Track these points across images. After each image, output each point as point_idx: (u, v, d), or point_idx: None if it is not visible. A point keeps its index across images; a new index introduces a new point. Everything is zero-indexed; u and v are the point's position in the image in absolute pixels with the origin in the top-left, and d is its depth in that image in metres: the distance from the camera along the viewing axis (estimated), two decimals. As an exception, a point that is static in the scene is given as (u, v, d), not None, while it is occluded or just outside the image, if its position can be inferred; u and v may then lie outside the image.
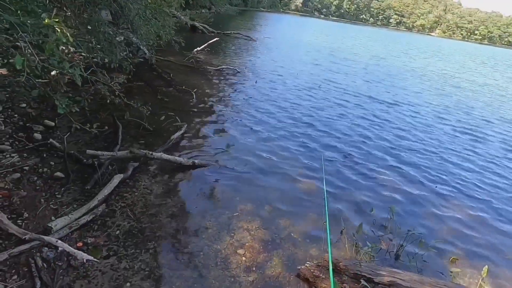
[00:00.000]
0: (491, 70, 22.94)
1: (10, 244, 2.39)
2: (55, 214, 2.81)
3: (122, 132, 4.41)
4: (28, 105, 4.58)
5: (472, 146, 6.54)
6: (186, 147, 4.53)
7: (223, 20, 25.83)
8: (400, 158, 5.34)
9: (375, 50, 22.27)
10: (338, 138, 5.75)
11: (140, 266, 2.49)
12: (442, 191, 4.51)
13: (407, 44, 35.97)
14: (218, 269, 2.61)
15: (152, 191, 3.43)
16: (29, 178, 3.17)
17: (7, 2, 2.47)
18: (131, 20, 5.60)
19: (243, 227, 3.13)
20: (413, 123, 7.41)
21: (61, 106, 3.04)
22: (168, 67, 8.40)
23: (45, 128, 4.14)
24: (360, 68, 13.66)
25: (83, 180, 3.34)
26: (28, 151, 3.58)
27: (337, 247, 3.08)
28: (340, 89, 9.37)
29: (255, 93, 7.63)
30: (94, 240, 2.65)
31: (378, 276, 2.46)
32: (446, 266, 3.11)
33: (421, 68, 17.00)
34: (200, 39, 12.39)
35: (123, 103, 4.78)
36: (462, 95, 11.73)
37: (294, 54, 14.91)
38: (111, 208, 3.04)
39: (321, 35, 29.65)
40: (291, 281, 2.63)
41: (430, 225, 3.73)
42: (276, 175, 4.18)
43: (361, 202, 3.92)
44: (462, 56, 31.95)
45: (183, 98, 6.46)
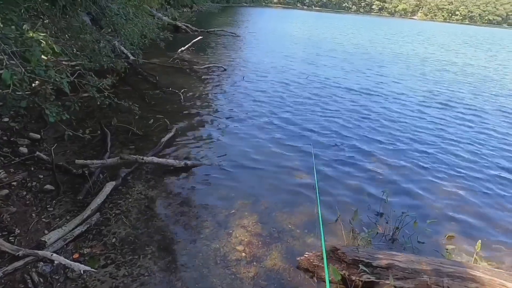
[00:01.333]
0: (472, 50, 23.31)
1: (4, 262, 2.34)
2: (48, 227, 2.76)
3: (111, 139, 4.34)
4: (11, 119, 4.46)
5: (460, 125, 6.67)
6: (177, 149, 4.50)
7: (206, 18, 25.56)
8: (389, 143, 5.41)
9: (357, 39, 22.36)
10: (327, 129, 5.78)
11: (139, 272, 2.48)
12: (434, 171, 4.60)
13: (389, 30, 36.22)
14: (218, 267, 2.62)
15: (146, 195, 3.40)
16: (18, 193, 3.10)
17: None
18: (113, 21, 5.48)
19: (240, 223, 3.14)
20: (399, 108, 7.50)
21: (51, 115, 2.99)
22: (153, 69, 8.27)
23: (30, 141, 4.05)
24: (343, 58, 13.71)
25: (74, 190, 3.29)
26: (14, 166, 3.50)
27: (334, 235, 3.12)
28: (326, 81, 9.39)
29: (243, 90, 7.60)
30: (91, 250, 2.62)
31: (376, 259, 2.50)
32: (442, 244, 3.18)
33: (404, 53, 17.16)
34: (184, 39, 12.24)
35: (110, 110, 4.70)
36: (445, 76, 11.91)
37: (278, 48, 14.87)
38: (105, 216, 3.00)
39: (304, 26, 29.64)
40: (292, 272, 2.65)
41: (423, 205, 3.80)
42: (269, 170, 4.19)
43: (355, 189, 3.97)
44: (443, 38, 32.35)
45: (170, 100, 6.39)
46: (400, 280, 2.40)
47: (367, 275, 2.44)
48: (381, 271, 2.45)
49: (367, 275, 2.44)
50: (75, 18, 4.63)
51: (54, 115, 2.92)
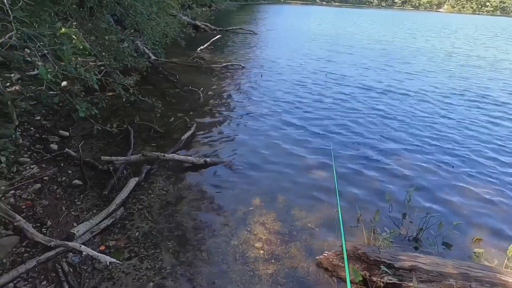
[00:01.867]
0: (503, 43, 21.93)
1: (37, 252, 2.50)
2: (76, 220, 2.91)
3: (134, 137, 4.49)
4: (42, 117, 4.72)
5: (489, 124, 6.32)
6: (197, 147, 4.58)
7: (224, 17, 25.72)
8: (412, 142, 5.22)
9: (378, 34, 21.64)
10: (346, 127, 5.65)
11: (161, 265, 2.56)
12: (460, 172, 4.39)
13: (412, 24, 34.79)
14: (237, 263, 2.65)
15: (167, 191, 3.49)
16: (50, 187, 3.28)
17: (21, 16, 2.56)
18: (136, 21, 5.65)
19: (259, 221, 3.16)
20: (423, 107, 7.21)
21: (81, 110, 3.18)
22: (173, 68, 8.46)
23: (60, 139, 4.27)
24: (363, 55, 13.32)
25: (100, 185, 3.44)
26: (46, 161, 3.71)
27: (354, 235, 3.06)
28: (345, 78, 9.18)
29: (261, 88, 7.60)
30: (115, 242, 2.73)
31: (399, 261, 2.43)
32: (469, 248, 3.04)
33: (427, 49, 16.40)
34: (203, 38, 12.40)
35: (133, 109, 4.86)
36: (473, 72, 11.31)
37: (296, 45, 14.71)
38: (129, 211, 3.12)
39: (323, 23, 29.09)
40: (310, 271, 2.63)
41: (449, 207, 3.64)
42: (288, 167, 4.17)
43: (376, 188, 3.87)
44: (471, 31, 30.66)
45: (190, 98, 6.51)
46: (424, 283, 2.32)
47: (389, 277, 2.38)
48: (404, 273, 2.38)
49: (389, 276, 2.38)
50: (102, 19, 4.82)
51: (84, 110, 3.09)
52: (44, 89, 2.58)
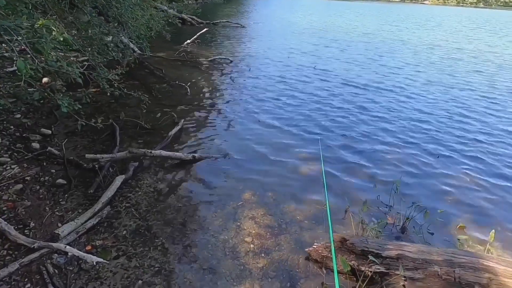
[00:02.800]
0: (486, 35, 22.44)
1: (20, 254, 2.42)
2: (61, 220, 2.83)
3: (120, 133, 4.39)
4: (23, 115, 4.55)
5: (473, 114, 6.48)
6: (185, 142, 4.52)
7: (211, 9, 25.30)
8: (398, 133, 5.30)
9: (365, 27, 21.77)
10: (335, 120, 5.69)
11: (150, 263, 2.52)
12: (444, 161, 4.50)
13: (397, 16, 35.16)
14: (227, 258, 2.64)
15: (155, 188, 3.44)
16: (32, 187, 3.18)
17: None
18: (119, 12, 5.46)
19: (249, 215, 3.15)
20: (408, 100, 7.32)
21: (63, 105, 3.06)
22: (159, 63, 8.28)
23: (42, 137, 4.13)
24: (351, 48, 13.39)
25: (85, 184, 3.35)
26: (27, 161, 3.58)
27: (343, 226, 3.10)
28: (332, 72, 9.21)
29: (249, 81, 7.54)
30: (102, 242, 2.68)
31: (386, 250, 2.48)
32: (454, 234, 3.13)
33: (412, 41, 16.62)
34: (190, 31, 12.17)
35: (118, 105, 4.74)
36: (454, 65, 11.55)
37: (284, 38, 14.64)
38: (116, 209, 3.06)
39: (311, 15, 29.01)
40: (300, 263, 2.65)
41: (434, 195, 3.73)
42: (277, 162, 4.18)
43: (364, 180, 3.92)
44: (455, 23, 31.24)
45: (177, 93, 6.40)
46: (411, 270, 2.37)
47: (377, 266, 2.42)
48: (391, 261, 2.43)
49: (376, 265, 2.43)
50: (83, 11, 4.64)
51: (66, 106, 2.99)
52: (22, 84, 2.46)
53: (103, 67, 4.26)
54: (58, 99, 3.03)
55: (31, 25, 2.47)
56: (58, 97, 3.05)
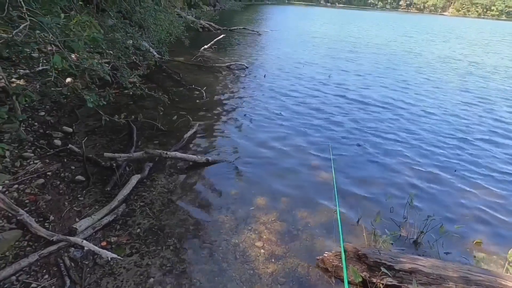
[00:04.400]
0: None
1: (40, 246, 2.52)
2: (78, 215, 2.93)
3: (137, 134, 4.51)
4: (46, 113, 4.76)
5: (489, 129, 6.30)
6: (199, 145, 4.60)
7: (228, 16, 25.76)
8: (414, 145, 5.21)
9: (381, 38, 21.61)
10: (349, 129, 5.65)
11: (162, 262, 2.57)
12: (461, 174, 4.39)
13: (415, 27, 34.70)
14: (237, 262, 2.66)
15: (169, 189, 3.51)
16: (53, 182, 3.31)
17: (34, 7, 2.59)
18: (142, 18, 5.69)
19: (260, 220, 3.17)
20: (426, 111, 7.20)
21: (89, 101, 3.21)
22: (177, 67, 8.48)
23: (64, 134, 4.30)
24: (367, 60, 13.32)
25: (102, 182, 3.46)
26: (49, 157, 3.73)
27: (355, 236, 3.07)
28: (348, 82, 9.18)
29: (264, 87, 7.61)
30: (117, 239, 2.75)
31: (399, 263, 2.44)
32: (470, 251, 3.04)
33: (431, 54, 16.35)
34: (207, 37, 12.42)
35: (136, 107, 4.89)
36: (474, 79, 11.27)
37: (299, 46, 14.71)
38: (131, 207, 3.14)
39: (326, 24, 29.07)
40: (310, 271, 2.64)
41: (450, 210, 3.64)
42: (290, 168, 4.18)
43: (378, 190, 3.87)
44: (475, 35, 30.53)
45: (193, 97, 6.53)
46: (424, 285, 2.32)
47: (389, 278, 2.38)
48: (404, 275, 2.39)
49: (388, 278, 2.39)
50: (109, 15, 4.85)
51: (92, 101, 3.12)
52: (52, 80, 2.61)
53: (126, 67, 4.43)
54: (85, 95, 3.17)
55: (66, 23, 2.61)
56: (85, 93, 3.20)
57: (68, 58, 2.71)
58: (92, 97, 3.16)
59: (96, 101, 3.22)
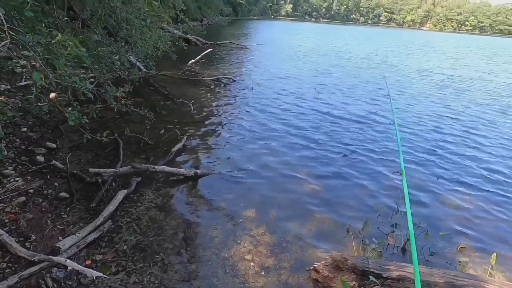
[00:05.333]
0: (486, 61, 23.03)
1: (20, 267, 2.41)
2: (62, 234, 2.84)
3: (123, 148, 4.46)
4: (29, 129, 4.64)
5: (473, 139, 6.56)
6: (187, 158, 4.58)
7: (215, 31, 26.20)
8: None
9: (363, 50, 22.45)
10: (336, 139, 5.77)
11: (149, 279, 2.51)
12: (446, 182, 4.52)
13: (394, 41, 36.25)
14: (227, 276, 2.62)
15: (156, 204, 3.45)
16: (34, 200, 3.20)
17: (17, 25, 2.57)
18: (129, 33, 5.70)
19: (249, 233, 3.15)
20: (409, 119, 7.45)
21: (71, 118, 3.14)
22: (164, 81, 8.51)
23: (47, 150, 4.19)
24: (350, 71, 13.77)
25: (87, 198, 3.38)
26: (31, 174, 3.62)
27: (343, 246, 3.09)
28: (335, 92, 9.42)
29: (252, 101, 7.71)
30: (102, 256, 2.67)
31: (387, 271, 2.47)
32: (455, 257, 3.10)
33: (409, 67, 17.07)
34: (194, 51, 12.56)
35: (122, 121, 4.85)
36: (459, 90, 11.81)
37: (286, 59, 15.07)
38: (117, 224, 3.06)
39: (311, 39, 29.96)
40: (301, 283, 2.63)
41: (436, 217, 3.73)
42: (279, 179, 4.21)
43: (365, 199, 3.93)
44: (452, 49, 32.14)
45: (181, 110, 6.54)
46: (412, 292, 2.35)
47: (377, 287, 2.40)
48: (392, 282, 2.41)
49: (377, 286, 2.41)
50: (94, 31, 4.86)
51: (73, 119, 3.07)
52: (33, 98, 2.57)
53: (111, 84, 4.41)
54: (67, 112, 3.12)
55: (48, 42, 2.61)
56: (67, 111, 3.15)
57: (49, 75, 2.68)
58: (73, 115, 3.11)
59: (78, 119, 3.16)
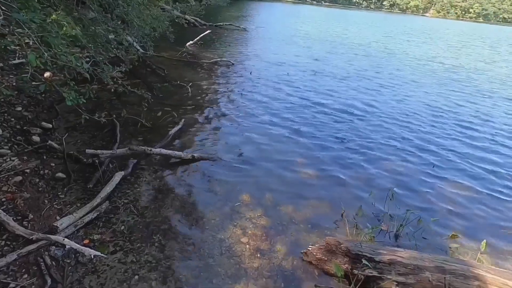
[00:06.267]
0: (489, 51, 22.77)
1: (18, 245, 2.44)
2: (59, 213, 2.85)
3: (120, 130, 4.42)
4: (24, 108, 4.57)
5: (467, 126, 6.59)
6: (185, 141, 4.56)
7: (215, 12, 25.44)
8: (395, 142, 5.39)
9: (362, 37, 22.06)
10: (334, 124, 5.77)
11: (146, 259, 2.55)
12: (440, 171, 4.58)
13: (397, 28, 35.60)
14: (223, 257, 2.68)
15: (153, 186, 3.47)
16: (31, 180, 3.20)
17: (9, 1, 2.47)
18: (125, 11, 5.51)
19: (245, 216, 3.19)
20: (407, 108, 7.44)
21: (69, 98, 3.08)
22: (161, 62, 8.33)
23: (42, 131, 4.15)
24: (350, 56, 13.56)
25: (84, 179, 3.38)
26: (27, 154, 3.60)
27: (338, 230, 3.15)
28: (334, 77, 9.33)
29: (250, 84, 7.61)
30: (100, 236, 2.70)
31: (379, 255, 2.53)
32: (446, 243, 3.19)
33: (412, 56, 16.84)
34: (192, 33, 12.25)
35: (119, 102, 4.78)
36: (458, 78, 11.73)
37: (286, 43, 14.78)
38: (114, 205, 3.09)
39: (312, 22, 29.28)
40: (295, 264, 2.70)
41: (428, 204, 3.80)
42: (276, 164, 4.23)
43: (361, 185, 3.98)
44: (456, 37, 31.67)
45: (178, 93, 6.45)
46: (402, 275, 2.43)
47: (369, 270, 2.47)
48: (384, 266, 2.49)
49: (369, 269, 2.48)
50: (90, 8, 4.69)
51: (71, 99, 3.02)
52: (28, 77, 2.50)
53: (108, 64, 4.31)
54: (64, 92, 3.06)
55: (43, 19, 2.52)
56: (64, 90, 3.09)
57: (45, 54, 2.60)
58: (71, 95, 3.05)
59: (75, 99, 3.11)
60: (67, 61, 2.77)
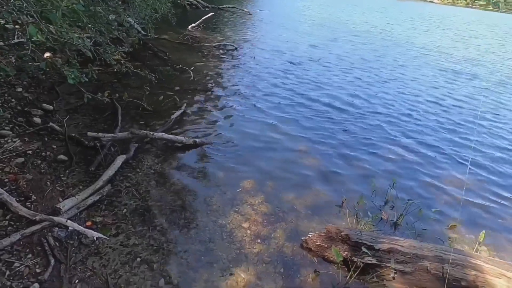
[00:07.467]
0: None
1: (22, 226, 2.46)
2: (62, 195, 2.87)
3: (122, 114, 4.39)
4: (24, 89, 4.52)
5: (469, 118, 6.52)
6: (187, 126, 4.53)
7: (218, -6, 24.74)
8: (398, 133, 5.34)
9: (369, 23, 21.53)
10: (336, 113, 5.70)
11: (148, 242, 2.58)
12: (442, 160, 4.57)
13: (401, 14, 34.68)
14: (224, 242, 2.71)
15: (155, 170, 3.47)
16: (33, 161, 3.20)
17: None
18: None
19: (247, 202, 3.21)
20: (407, 96, 7.33)
21: (70, 77, 3.04)
22: (163, 45, 8.16)
23: (43, 112, 4.11)
24: (355, 43, 13.28)
25: (86, 162, 3.38)
26: (29, 135, 3.58)
27: (338, 218, 3.17)
28: (339, 65, 9.16)
29: (253, 70, 7.49)
30: (103, 219, 2.72)
31: (379, 243, 2.56)
32: (445, 233, 3.21)
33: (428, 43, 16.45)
34: (195, 15, 11.96)
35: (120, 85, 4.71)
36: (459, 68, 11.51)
37: (290, 27, 14.43)
38: (116, 188, 3.10)
39: (317, 6, 28.52)
40: (295, 251, 2.73)
41: (429, 194, 3.81)
42: (278, 150, 4.22)
43: (362, 174, 3.98)
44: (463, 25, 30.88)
45: (180, 76, 6.36)
46: (401, 264, 2.46)
47: (369, 258, 2.50)
48: (383, 254, 2.51)
49: (368, 257, 2.50)
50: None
51: (73, 77, 2.97)
52: (29, 54, 2.45)
53: (110, 43, 4.22)
54: (65, 70, 3.01)
55: None
56: (66, 69, 3.03)
57: (45, 30, 2.54)
58: (73, 73, 2.99)
59: (77, 78, 3.05)
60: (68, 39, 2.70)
